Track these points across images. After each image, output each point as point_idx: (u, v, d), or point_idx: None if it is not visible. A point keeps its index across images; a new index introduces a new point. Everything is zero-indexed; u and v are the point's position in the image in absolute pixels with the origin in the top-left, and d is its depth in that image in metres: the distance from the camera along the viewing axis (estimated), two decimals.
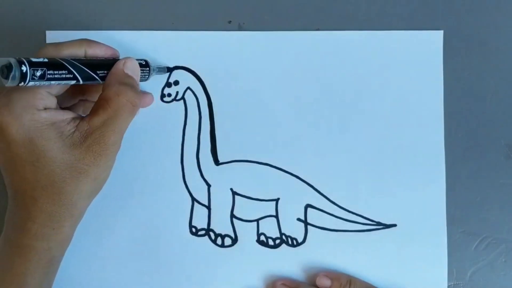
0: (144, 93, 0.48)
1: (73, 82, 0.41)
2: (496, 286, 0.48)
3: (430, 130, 0.49)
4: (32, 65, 0.38)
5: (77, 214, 0.42)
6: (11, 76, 0.37)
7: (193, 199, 0.49)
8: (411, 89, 0.49)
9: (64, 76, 0.40)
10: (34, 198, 0.40)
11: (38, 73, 0.38)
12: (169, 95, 0.49)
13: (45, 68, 0.38)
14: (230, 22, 0.50)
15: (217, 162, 0.49)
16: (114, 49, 0.45)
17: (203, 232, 0.49)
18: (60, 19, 0.50)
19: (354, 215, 0.49)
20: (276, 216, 0.49)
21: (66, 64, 0.40)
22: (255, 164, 0.49)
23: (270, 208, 0.49)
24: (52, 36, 0.50)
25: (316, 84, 0.49)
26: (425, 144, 0.49)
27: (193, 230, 0.49)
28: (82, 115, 0.42)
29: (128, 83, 0.42)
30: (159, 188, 0.49)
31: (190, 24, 0.50)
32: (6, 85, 0.37)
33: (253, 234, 0.49)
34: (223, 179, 0.49)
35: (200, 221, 0.49)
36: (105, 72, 0.43)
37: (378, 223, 0.48)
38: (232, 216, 0.49)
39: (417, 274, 0.48)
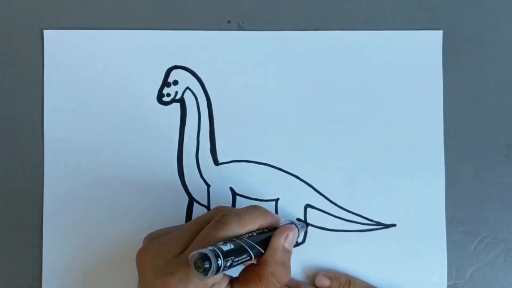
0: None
1: (248, 261, 0.40)
2: (495, 285, 0.48)
3: (429, 130, 0.49)
4: (224, 255, 0.36)
5: None
6: (209, 271, 0.35)
7: (193, 199, 0.49)
8: (411, 89, 0.49)
9: (244, 259, 0.39)
10: None
11: (228, 263, 0.37)
12: (168, 95, 0.49)
13: (233, 257, 0.37)
14: (229, 22, 0.50)
15: (216, 162, 0.49)
16: (277, 217, 0.43)
17: None
18: (58, 18, 0.50)
19: (354, 215, 0.49)
20: None
21: (247, 248, 0.39)
22: (254, 164, 0.49)
23: (269, 208, 0.48)
24: (50, 35, 0.50)
25: (315, 84, 0.49)
26: (425, 144, 0.49)
27: None
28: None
29: (285, 262, 0.41)
30: (159, 189, 0.49)
31: (189, 23, 0.49)
32: (201, 279, 0.36)
33: None
34: (222, 179, 0.49)
35: None
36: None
37: (378, 223, 0.48)
38: None
39: (416, 273, 0.48)
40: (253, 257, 0.40)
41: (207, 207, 0.49)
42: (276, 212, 0.49)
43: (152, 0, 0.50)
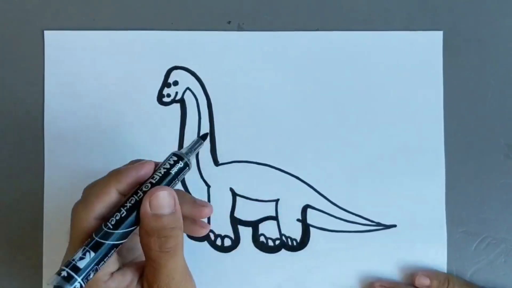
0: (201, 205, 0.39)
1: (116, 248, 0.36)
2: (496, 286, 0.48)
3: (430, 130, 0.49)
4: (85, 271, 0.34)
5: None
6: None
7: None
8: (411, 89, 0.49)
9: (113, 253, 0.36)
10: None
11: (91, 275, 0.35)
12: (168, 95, 0.49)
13: (96, 267, 0.35)
14: (229, 22, 0.50)
15: (216, 162, 0.49)
16: (139, 166, 0.37)
17: None
18: (58, 18, 0.50)
19: (354, 216, 0.48)
20: (276, 217, 0.49)
21: (113, 243, 0.35)
22: (254, 164, 0.49)
23: (270, 209, 0.49)
24: (51, 36, 0.50)
25: (315, 84, 0.49)
26: (425, 144, 0.49)
27: None
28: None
29: (162, 229, 0.36)
30: None
31: (189, 24, 0.49)
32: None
33: (253, 235, 0.49)
34: (222, 180, 0.49)
35: None
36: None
37: (378, 224, 0.48)
38: (232, 216, 0.49)
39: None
40: (124, 241, 0.36)
41: None
42: (276, 213, 0.48)
43: (152, 0, 0.50)
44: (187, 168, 0.38)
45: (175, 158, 0.38)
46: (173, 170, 0.38)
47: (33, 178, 0.49)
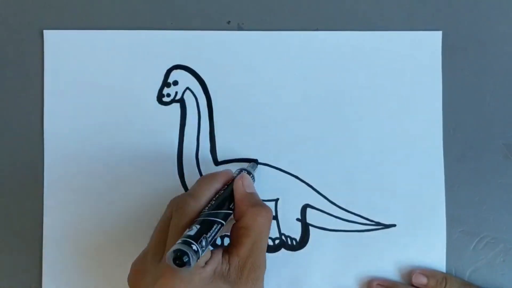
0: None
1: (224, 228, 0.41)
2: (495, 285, 0.48)
3: (429, 130, 0.49)
4: (195, 239, 0.37)
5: None
6: (191, 261, 0.36)
7: None
8: (410, 89, 0.49)
9: (217, 229, 0.40)
10: None
11: (204, 243, 0.38)
12: (168, 95, 0.49)
13: (204, 235, 0.38)
14: (229, 22, 0.50)
15: (216, 162, 0.49)
16: (226, 172, 0.44)
17: None
18: (58, 18, 0.50)
19: (354, 215, 0.49)
20: (276, 217, 0.49)
21: (213, 218, 0.40)
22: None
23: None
24: (50, 35, 0.50)
25: (315, 84, 0.49)
26: (424, 144, 0.49)
27: None
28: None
29: (257, 202, 0.42)
30: (158, 189, 0.49)
31: (189, 23, 0.49)
32: (189, 271, 0.37)
33: None
34: None
35: None
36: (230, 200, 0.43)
37: (378, 223, 0.48)
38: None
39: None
40: (224, 222, 0.41)
41: None
42: (276, 212, 0.49)
43: (152, 0, 0.50)
44: (252, 175, 0.46)
45: (239, 170, 0.46)
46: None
47: (32, 177, 0.49)
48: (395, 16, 0.49)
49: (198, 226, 0.38)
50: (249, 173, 0.46)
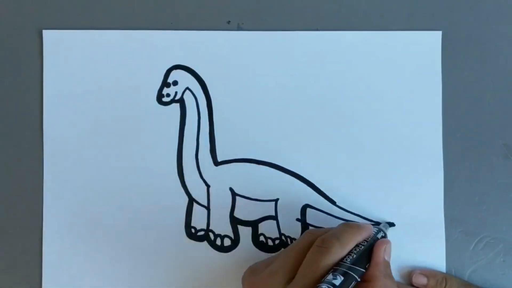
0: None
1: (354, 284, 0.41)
2: (495, 285, 0.48)
3: (428, 130, 0.49)
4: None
5: None
6: None
7: (192, 200, 0.49)
8: (410, 89, 0.49)
9: (352, 285, 0.40)
10: None
11: None
12: (168, 95, 0.49)
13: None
14: (229, 22, 0.50)
15: (216, 162, 0.49)
16: (368, 227, 0.44)
17: (202, 232, 0.49)
18: (57, 18, 0.50)
19: (353, 215, 0.49)
20: (276, 217, 0.49)
21: (353, 274, 0.40)
22: (254, 164, 0.49)
23: (269, 209, 0.49)
24: (49, 35, 0.49)
25: (315, 84, 0.49)
26: (424, 144, 0.49)
27: (193, 230, 0.49)
28: None
29: (389, 274, 0.42)
30: (158, 189, 0.49)
31: (189, 24, 0.49)
32: None
33: (252, 234, 0.49)
34: (222, 180, 0.49)
35: (199, 222, 0.49)
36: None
37: (378, 223, 0.48)
38: (232, 216, 0.49)
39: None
40: (359, 280, 0.41)
41: (207, 207, 0.49)
42: (276, 212, 0.49)
43: (152, 0, 0.50)
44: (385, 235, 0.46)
45: (377, 229, 0.46)
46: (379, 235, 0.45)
47: (32, 177, 0.49)
48: (395, 16, 0.49)
49: (343, 278, 0.39)
50: (384, 234, 0.45)
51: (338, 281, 0.39)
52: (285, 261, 0.42)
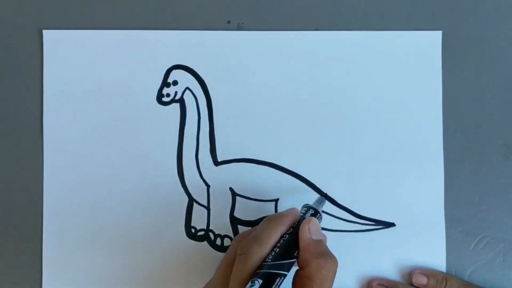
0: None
1: (284, 279, 0.39)
2: (494, 285, 0.48)
3: (428, 130, 0.49)
4: None
5: None
6: None
7: (193, 200, 0.49)
8: (410, 89, 0.49)
9: (279, 284, 0.39)
10: None
11: None
12: (168, 95, 0.49)
13: None
14: (229, 22, 0.50)
15: (216, 162, 0.49)
16: (292, 213, 0.42)
17: (202, 232, 0.49)
18: (57, 18, 0.50)
19: (353, 215, 0.49)
20: None
21: (277, 271, 0.39)
22: (254, 164, 0.49)
23: (269, 209, 0.49)
24: (49, 35, 0.49)
25: (315, 84, 0.49)
26: (424, 144, 0.49)
27: (193, 230, 0.49)
28: None
29: (322, 252, 0.40)
30: (158, 189, 0.49)
31: (189, 23, 0.49)
32: None
33: None
34: (222, 180, 0.49)
35: (199, 222, 0.49)
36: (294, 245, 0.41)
37: (378, 223, 0.48)
38: (232, 216, 0.49)
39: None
40: (287, 273, 0.39)
41: (207, 207, 0.49)
42: (276, 211, 0.49)
43: (152, 0, 0.50)
44: (319, 214, 0.43)
45: (305, 209, 0.44)
46: (308, 214, 0.43)
47: (32, 177, 0.49)
48: (395, 16, 0.49)
49: (261, 281, 0.37)
50: (315, 211, 0.43)
51: (256, 286, 0.37)
52: (218, 275, 0.41)
